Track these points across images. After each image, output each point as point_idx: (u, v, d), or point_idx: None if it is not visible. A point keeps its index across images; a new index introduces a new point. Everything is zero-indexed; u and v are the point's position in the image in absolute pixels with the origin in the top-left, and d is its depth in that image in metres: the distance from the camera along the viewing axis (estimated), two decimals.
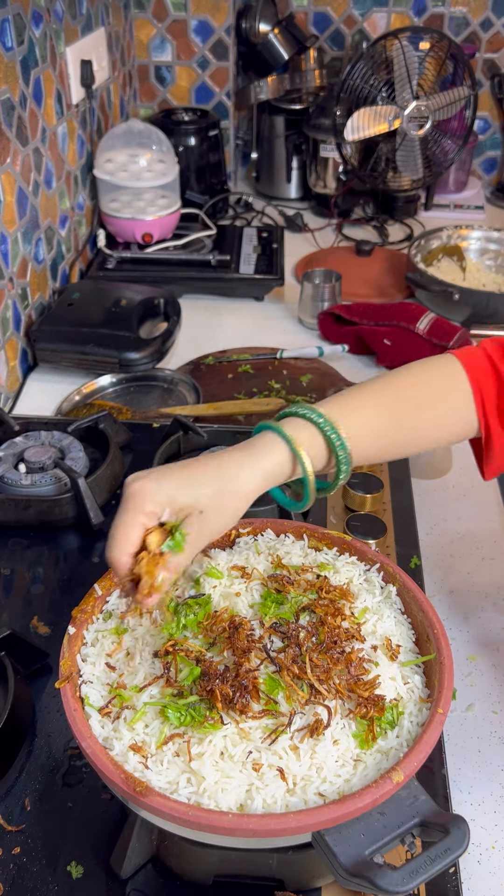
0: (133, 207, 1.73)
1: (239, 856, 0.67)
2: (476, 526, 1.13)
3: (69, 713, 0.64)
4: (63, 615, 0.95)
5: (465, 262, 1.76)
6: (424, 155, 1.84)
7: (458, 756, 0.85)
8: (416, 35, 1.76)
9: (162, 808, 0.58)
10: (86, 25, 1.68)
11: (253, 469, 0.68)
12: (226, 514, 0.68)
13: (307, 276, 1.65)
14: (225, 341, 1.57)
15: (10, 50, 1.31)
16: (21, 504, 1.06)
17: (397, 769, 0.60)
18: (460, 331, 1.44)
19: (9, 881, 0.70)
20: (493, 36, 2.16)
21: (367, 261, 1.83)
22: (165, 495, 0.66)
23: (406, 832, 0.59)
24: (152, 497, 0.65)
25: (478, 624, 1.00)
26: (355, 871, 0.56)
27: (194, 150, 1.94)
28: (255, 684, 0.65)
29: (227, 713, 0.63)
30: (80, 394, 1.41)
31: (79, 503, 1.05)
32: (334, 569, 0.78)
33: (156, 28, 2.03)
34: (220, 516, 0.67)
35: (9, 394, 1.40)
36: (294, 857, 0.66)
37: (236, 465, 0.68)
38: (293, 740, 0.62)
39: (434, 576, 1.06)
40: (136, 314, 1.46)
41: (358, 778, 0.61)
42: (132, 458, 1.20)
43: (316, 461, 0.71)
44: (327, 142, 2.00)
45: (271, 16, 2.06)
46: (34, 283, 1.49)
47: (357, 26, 2.17)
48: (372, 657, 0.69)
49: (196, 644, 0.69)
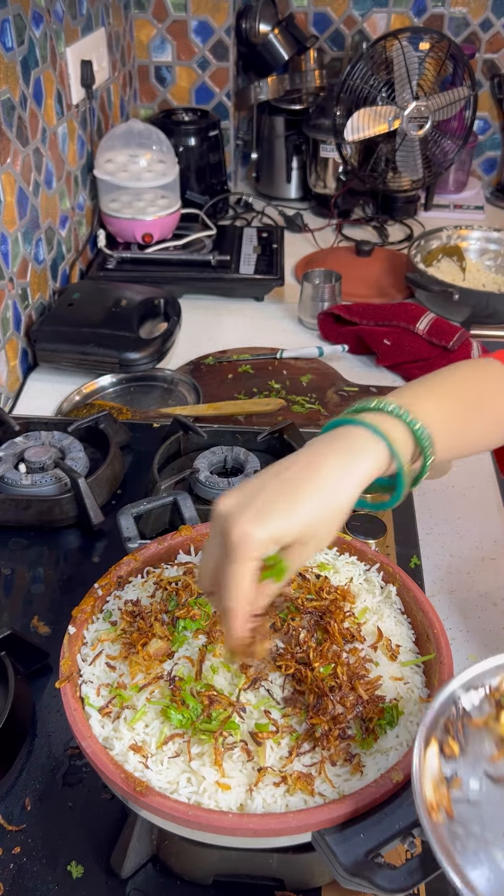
0: (133, 207, 1.73)
1: (239, 856, 0.67)
2: (476, 526, 1.14)
3: (69, 713, 0.64)
4: (63, 615, 0.95)
5: (464, 263, 1.76)
6: (424, 155, 1.84)
7: None
8: (416, 35, 1.76)
9: (162, 807, 0.58)
10: (86, 26, 1.68)
11: (354, 476, 0.62)
12: (329, 534, 0.62)
13: (307, 277, 1.65)
14: (225, 341, 1.58)
15: (10, 50, 1.31)
16: (21, 504, 1.06)
17: (397, 769, 0.60)
18: (460, 331, 1.44)
19: (9, 881, 0.70)
20: (492, 36, 2.16)
21: (367, 261, 1.83)
22: (273, 537, 0.59)
23: (406, 832, 0.59)
24: (261, 542, 0.58)
25: (478, 624, 1.00)
26: (355, 870, 0.56)
27: (194, 150, 1.94)
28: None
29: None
30: (80, 394, 1.41)
31: (79, 503, 1.06)
32: (334, 569, 0.78)
33: (156, 28, 2.03)
34: (323, 540, 0.62)
35: (9, 394, 1.40)
36: (294, 857, 0.66)
37: (337, 474, 0.62)
38: (294, 753, 0.62)
39: (434, 576, 1.06)
40: (136, 314, 1.46)
41: (358, 778, 0.61)
42: (132, 458, 1.20)
43: (407, 457, 0.66)
44: (327, 142, 2.00)
45: (271, 16, 2.06)
46: (34, 284, 1.49)
47: (357, 27, 2.17)
48: (372, 657, 0.69)
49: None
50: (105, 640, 0.71)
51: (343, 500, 0.61)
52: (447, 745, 0.56)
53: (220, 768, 0.60)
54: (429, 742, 0.55)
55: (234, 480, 1.06)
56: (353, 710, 0.64)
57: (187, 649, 0.69)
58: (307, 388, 1.43)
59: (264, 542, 0.58)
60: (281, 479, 0.61)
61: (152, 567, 0.80)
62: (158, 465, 1.10)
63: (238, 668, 0.67)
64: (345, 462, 0.62)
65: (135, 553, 0.80)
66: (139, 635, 0.69)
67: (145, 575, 0.79)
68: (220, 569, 0.60)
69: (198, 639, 0.70)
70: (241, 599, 0.59)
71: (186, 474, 1.07)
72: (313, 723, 0.63)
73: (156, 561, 0.81)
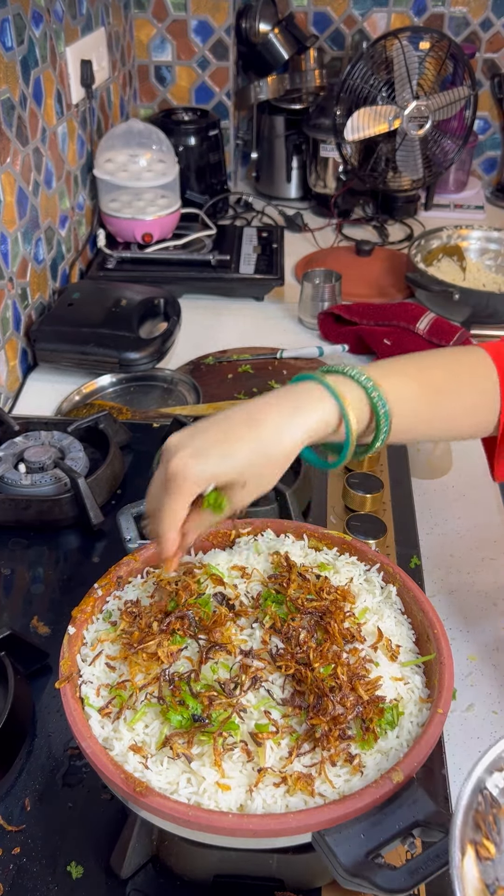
0: (133, 207, 1.73)
1: (239, 856, 0.67)
2: (476, 526, 1.13)
3: (69, 713, 0.64)
4: (63, 615, 0.95)
5: (465, 262, 1.76)
6: (424, 155, 1.84)
7: (458, 756, 0.85)
8: (416, 35, 1.76)
9: (162, 808, 0.58)
10: (86, 25, 1.68)
11: (296, 427, 0.66)
12: (267, 481, 0.68)
13: (307, 276, 1.65)
14: (225, 341, 1.57)
15: (10, 50, 1.31)
16: (21, 504, 1.06)
17: (397, 769, 0.60)
18: (460, 331, 1.44)
19: (9, 881, 0.70)
20: (493, 36, 2.16)
21: (367, 261, 1.83)
22: (209, 474, 0.65)
23: (406, 832, 0.59)
24: (196, 477, 0.65)
25: (478, 624, 1.00)
26: (355, 871, 0.56)
27: (194, 150, 1.94)
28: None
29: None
30: (80, 394, 1.41)
31: (79, 503, 1.05)
32: (334, 569, 0.78)
33: (156, 28, 2.03)
34: (261, 484, 0.68)
35: (9, 394, 1.40)
36: (294, 857, 0.66)
37: (276, 424, 0.66)
38: (294, 754, 0.62)
39: (434, 576, 1.05)
40: (136, 314, 1.46)
41: (358, 778, 0.61)
42: (132, 458, 1.20)
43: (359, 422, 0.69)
44: (327, 142, 2.00)
45: (271, 16, 2.06)
46: (34, 283, 1.49)
47: (357, 26, 2.17)
48: (372, 657, 0.69)
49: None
50: (105, 640, 0.71)
51: (279, 451, 0.66)
52: (482, 846, 0.53)
53: (219, 769, 0.60)
54: (464, 851, 0.52)
55: None
56: (353, 711, 0.64)
57: (187, 649, 0.69)
58: None
59: (199, 477, 0.65)
60: (224, 425, 0.67)
61: (152, 567, 0.80)
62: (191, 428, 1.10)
63: (239, 669, 0.67)
64: (288, 416, 0.67)
65: (135, 553, 0.80)
66: (139, 635, 0.69)
67: (145, 575, 0.79)
68: (159, 496, 0.67)
69: (197, 639, 0.70)
70: (172, 526, 0.67)
71: None
72: (313, 723, 0.63)
73: (156, 561, 0.81)
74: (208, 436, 0.66)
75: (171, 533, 0.67)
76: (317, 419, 0.67)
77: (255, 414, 0.67)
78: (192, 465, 0.65)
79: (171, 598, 0.73)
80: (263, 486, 0.68)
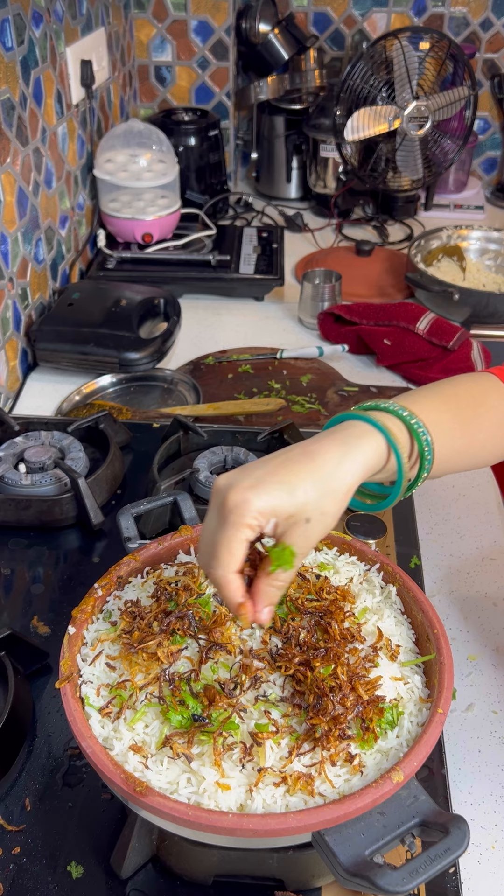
0: (133, 207, 1.73)
1: (239, 856, 0.67)
2: (476, 526, 1.13)
3: (69, 713, 0.64)
4: (63, 615, 0.95)
5: (464, 262, 1.76)
6: (424, 155, 1.84)
7: (458, 756, 0.85)
8: (416, 35, 1.76)
9: (162, 808, 0.58)
10: (86, 25, 1.68)
11: (353, 462, 0.63)
12: (330, 518, 0.62)
13: (307, 276, 1.65)
14: (225, 341, 1.58)
15: (10, 50, 1.31)
16: (21, 504, 1.06)
17: (397, 769, 0.60)
18: (460, 331, 1.44)
19: (9, 881, 0.70)
20: (493, 36, 2.16)
21: (367, 261, 1.83)
22: (269, 507, 0.60)
23: (406, 832, 0.59)
24: (256, 511, 0.59)
25: (478, 624, 1.00)
26: (355, 871, 0.56)
27: (194, 150, 1.94)
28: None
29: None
30: (80, 394, 1.41)
31: (79, 503, 1.06)
32: (334, 569, 0.78)
33: (156, 28, 2.03)
34: (325, 522, 0.62)
35: (9, 394, 1.40)
36: (294, 857, 0.66)
37: (335, 459, 0.63)
38: (294, 754, 0.62)
39: (434, 576, 1.06)
40: (136, 314, 1.46)
41: (358, 778, 0.61)
42: (132, 458, 1.20)
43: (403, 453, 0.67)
44: (327, 142, 2.00)
45: (271, 16, 2.06)
46: (34, 283, 1.49)
47: (357, 26, 2.17)
48: (372, 657, 0.69)
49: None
50: (105, 640, 0.71)
51: (340, 484, 0.62)
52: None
53: (219, 768, 0.60)
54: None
55: None
56: (353, 711, 0.64)
57: (187, 649, 0.69)
58: (307, 388, 1.43)
59: (261, 510, 0.59)
60: (280, 458, 0.63)
61: (152, 567, 0.80)
62: (158, 465, 1.10)
63: (239, 669, 0.67)
64: (344, 449, 0.63)
65: (135, 553, 0.80)
66: (139, 635, 0.69)
67: (145, 575, 0.79)
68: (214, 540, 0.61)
69: (197, 639, 0.70)
70: (231, 565, 0.60)
71: (186, 474, 1.07)
72: (313, 723, 0.63)
73: (156, 561, 0.81)
74: (265, 469, 0.62)
75: (230, 574, 0.61)
76: (371, 452, 0.64)
77: (311, 447, 0.63)
78: (251, 498, 0.59)
79: (171, 598, 0.73)
80: (327, 524, 0.63)
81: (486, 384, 0.78)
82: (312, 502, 0.61)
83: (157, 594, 0.74)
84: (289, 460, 0.62)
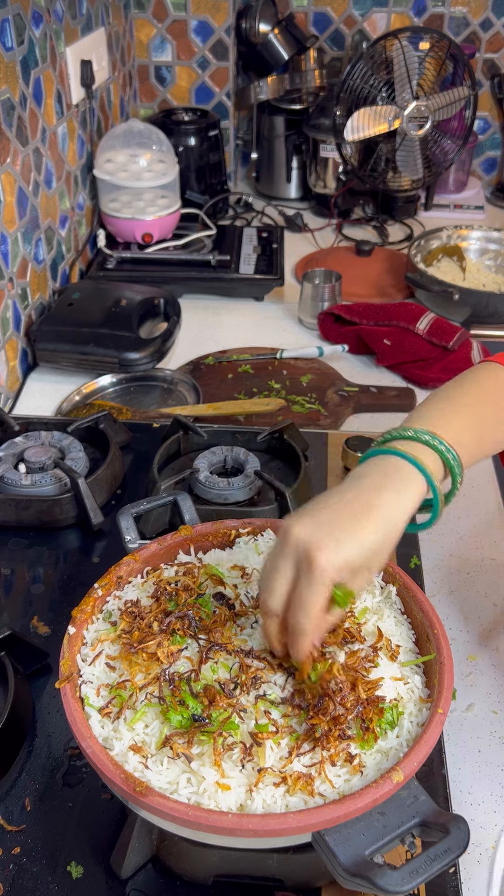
0: (133, 207, 1.73)
1: (239, 856, 0.67)
2: (476, 526, 1.13)
3: (69, 713, 0.64)
4: (63, 615, 0.95)
5: (464, 262, 1.76)
6: (424, 155, 1.84)
7: (458, 756, 0.85)
8: (416, 35, 1.76)
9: (162, 808, 0.58)
10: (86, 25, 1.68)
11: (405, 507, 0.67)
12: (383, 561, 0.67)
13: (307, 276, 1.65)
14: (225, 341, 1.57)
15: (10, 50, 1.31)
16: (21, 504, 1.06)
17: (397, 769, 0.60)
18: (460, 331, 1.44)
19: (9, 881, 0.70)
20: (493, 36, 2.16)
21: (367, 261, 1.83)
22: (347, 564, 0.64)
23: (406, 832, 0.59)
24: (339, 567, 0.63)
25: (478, 624, 1.00)
26: (355, 871, 0.56)
27: (194, 150, 1.94)
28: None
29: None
30: (80, 394, 1.41)
31: (79, 503, 1.05)
32: None
33: (156, 28, 2.03)
34: (380, 566, 0.67)
35: (9, 394, 1.40)
36: (294, 857, 0.66)
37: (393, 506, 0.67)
38: (294, 754, 0.62)
39: (434, 576, 1.05)
40: (136, 314, 1.46)
41: (358, 778, 0.61)
42: (132, 458, 1.20)
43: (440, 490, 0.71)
44: (327, 142, 2.00)
45: (271, 16, 2.06)
46: (34, 283, 1.49)
47: (357, 26, 2.17)
48: (372, 657, 0.69)
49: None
50: (105, 640, 0.71)
51: (397, 529, 0.67)
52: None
53: (219, 769, 0.60)
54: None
55: (233, 480, 1.06)
56: (353, 711, 0.64)
57: (187, 649, 0.69)
58: (307, 388, 1.43)
59: (341, 567, 0.63)
60: (347, 511, 0.66)
61: (152, 567, 0.80)
62: (158, 465, 1.10)
63: (239, 669, 0.67)
64: (397, 495, 0.67)
65: (135, 553, 0.80)
66: (139, 635, 0.69)
67: (145, 575, 0.79)
68: (293, 592, 0.64)
69: (197, 639, 0.70)
70: (316, 621, 0.64)
71: (186, 474, 1.07)
72: (313, 723, 0.63)
73: (156, 561, 0.81)
74: (342, 524, 0.65)
75: (316, 629, 0.65)
76: (417, 496, 0.68)
77: (371, 500, 0.67)
78: (336, 561, 0.63)
79: (171, 598, 0.73)
80: (380, 568, 0.68)
81: (495, 375, 0.79)
82: (376, 552, 0.65)
83: (157, 594, 0.74)
84: (355, 515, 0.65)
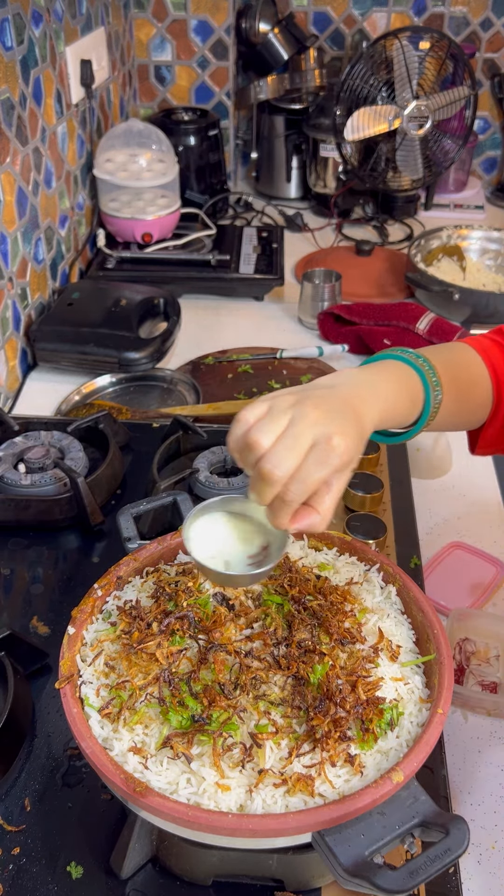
0: (133, 207, 1.73)
1: (239, 856, 0.67)
2: (476, 526, 1.13)
3: (69, 713, 0.64)
4: (63, 615, 0.95)
5: (465, 262, 1.76)
6: (424, 155, 1.84)
7: (458, 756, 0.85)
8: (416, 35, 1.76)
9: (162, 808, 0.58)
10: (86, 25, 1.68)
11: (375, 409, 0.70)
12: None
13: (307, 276, 1.65)
14: (225, 341, 1.57)
15: (9, 50, 1.31)
16: (21, 504, 1.06)
17: (397, 769, 0.60)
18: (460, 331, 1.44)
19: (9, 881, 0.70)
20: (493, 36, 2.16)
21: (367, 261, 1.83)
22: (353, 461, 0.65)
23: (406, 832, 0.59)
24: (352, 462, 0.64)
25: None
26: (355, 871, 0.56)
27: (194, 149, 1.94)
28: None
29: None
30: (79, 394, 1.41)
31: (79, 503, 1.05)
32: (334, 569, 0.78)
33: (156, 28, 2.03)
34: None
35: (9, 394, 1.40)
36: (294, 857, 0.66)
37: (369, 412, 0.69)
38: (294, 754, 0.62)
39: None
40: (136, 314, 1.46)
41: (358, 778, 0.61)
42: (132, 458, 1.20)
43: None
44: (327, 142, 2.00)
45: (271, 16, 2.06)
46: (34, 283, 1.49)
47: (357, 26, 2.17)
48: (372, 658, 0.69)
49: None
50: (105, 640, 0.71)
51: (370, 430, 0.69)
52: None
53: (219, 769, 0.60)
54: None
55: (233, 480, 1.06)
56: (353, 711, 0.64)
57: (187, 650, 0.69)
58: None
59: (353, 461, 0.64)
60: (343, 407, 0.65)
61: (152, 567, 0.80)
62: (158, 465, 1.10)
63: (239, 669, 0.67)
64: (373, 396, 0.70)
65: (134, 553, 0.80)
66: (139, 635, 0.69)
67: (145, 575, 0.79)
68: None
69: (197, 639, 0.70)
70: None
71: (186, 474, 1.07)
72: (313, 724, 0.63)
73: (155, 561, 0.81)
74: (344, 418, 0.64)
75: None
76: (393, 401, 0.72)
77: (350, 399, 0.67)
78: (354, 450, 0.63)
79: (171, 598, 0.73)
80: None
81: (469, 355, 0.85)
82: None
83: (157, 595, 0.74)
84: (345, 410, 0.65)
